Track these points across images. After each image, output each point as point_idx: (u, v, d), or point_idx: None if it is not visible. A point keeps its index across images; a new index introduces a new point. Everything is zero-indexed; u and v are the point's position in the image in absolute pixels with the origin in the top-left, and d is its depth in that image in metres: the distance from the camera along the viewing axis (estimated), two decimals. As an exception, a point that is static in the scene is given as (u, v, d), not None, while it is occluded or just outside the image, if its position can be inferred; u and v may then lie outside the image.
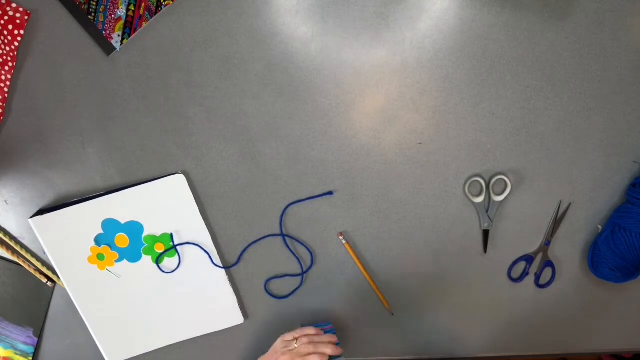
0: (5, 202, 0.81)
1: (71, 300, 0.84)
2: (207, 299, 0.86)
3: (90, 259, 0.81)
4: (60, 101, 0.74)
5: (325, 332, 0.79)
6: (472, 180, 0.77)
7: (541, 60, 0.71)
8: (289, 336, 0.77)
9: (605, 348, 0.93)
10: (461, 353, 0.91)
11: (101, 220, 0.79)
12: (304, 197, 0.80)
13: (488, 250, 0.82)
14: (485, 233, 0.81)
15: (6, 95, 0.74)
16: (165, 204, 0.79)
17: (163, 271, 0.83)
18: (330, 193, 0.80)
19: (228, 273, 0.85)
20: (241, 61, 0.72)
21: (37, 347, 0.90)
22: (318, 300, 0.88)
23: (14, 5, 0.68)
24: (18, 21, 0.69)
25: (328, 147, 0.77)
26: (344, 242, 0.82)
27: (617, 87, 0.72)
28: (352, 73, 0.72)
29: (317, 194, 0.80)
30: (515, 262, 0.84)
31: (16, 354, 0.90)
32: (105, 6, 0.69)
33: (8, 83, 0.73)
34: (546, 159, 0.76)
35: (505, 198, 0.78)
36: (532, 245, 0.83)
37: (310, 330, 0.78)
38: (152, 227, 0.80)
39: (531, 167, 0.77)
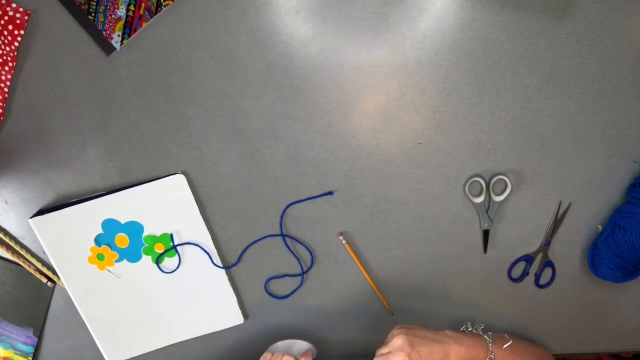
0: (5, 202, 0.81)
1: (71, 300, 0.84)
2: (207, 299, 0.86)
3: (90, 259, 0.81)
4: (60, 101, 0.74)
5: None
6: (472, 180, 0.77)
7: (541, 60, 0.71)
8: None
9: (605, 348, 0.93)
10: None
11: (101, 220, 0.79)
12: (304, 197, 0.80)
13: (488, 250, 0.82)
14: (485, 233, 0.81)
15: (6, 95, 0.74)
16: (165, 204, 0.79)
17: (163, 271, 0.83)
18: (330, 193, 0.80)
19: (228, 273, 0.85)
20: (241, 61, 0.72)
21: (37, 347, 0.90)
22: (318, 300, 0.88)
23: (14, 5, 0.68)
24: (18, 21, 0.69)
25: (328, 147, 0.77)
26: (344, 242, 0.82)
27: (617, 87, 0.72)
28: (352, 73, 0.72)
29: (317, 194, 0.80)
30: (515, 262, 0.84)
31: (16, 354, 0.90)
32: (105, 6, 0.69)
33: (8, 83, 0.73)
34: (546, 159, 0.76)
35: (505, 198, 0.78)
36: (532, 245, 0.83)
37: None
38: (152, 227, 0.80)
39: (531, 167, 0.77)
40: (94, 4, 0.69)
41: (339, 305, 0.88)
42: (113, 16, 0.70)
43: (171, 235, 0.81)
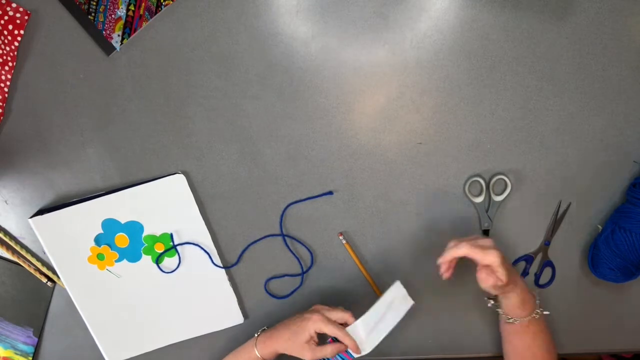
0: (5, 202, 0.81)
1: (71, 300, 0.84)
2: (207, 299, 0.86)
3: (90, 259, 0.81)
4: (60, 101, 0.74)
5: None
6: (472, 180, 0.77)
7: (541, 60, 0.71)
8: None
9: (605, 348, 0.93)
10: (461, 353, 0.91)
11: (101, 220, 0.79)
12: (304, 197, 0.80)
13: (488, 250, 0.82)
14: (485, 233, 0.81)
15: (6, 95, 0.74)
16: (165, 204, 0.79)
17: (163, 271, 0.83)
18: (330, 193, 0.80)
19: (228, 273, 0.85)
20: (241, 61, 0.72)
21: (37, 347, 0.90)
22: (318, 300, 0.87)
23: (14, 5, 0.69)
24: (18, 21, 0.69)
25: (328, 147, 0.77)
26: (344, 242, 0.82)
27: (617, 87, 0.72)
28: (352, 73, 0.72)
29: (317, 194, 0.80)
30: (515, 262, 0.84)
31: (16, 354, 0.90)
32: (105, 6, 0.69)
33: (8, 83, 0.73)
34: (546, 159, 0.76)
35: (505, 198, 0.78)
36: (532, 245, 0.83)
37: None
38: (152, 227, 0.80)
39: (531, 167, 0.77)
40: (94, 4, 0.69)
41: (339, 305, 0.88)
42: (113, 16, 0.70)
43: (171, 235, 0.81)
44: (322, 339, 0.75)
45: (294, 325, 0.74)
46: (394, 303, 0.74)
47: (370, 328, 0.74)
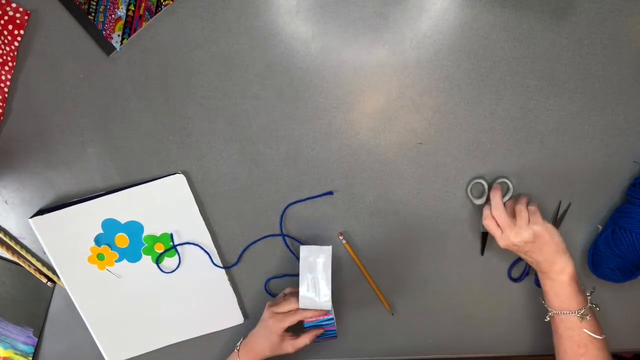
0: (5, 202, 0.81)
1: (71, 300, 0.84)
2: (207, 299, 0.86)
3: (90, 259, 0.81)
4: (60, 101, 0.74)
5: (325, 324, 0.79)
6: (474, 181, 0.77)
7: (541, 60, 0.71)
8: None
9: (605, 348, 0.92)
10: (461, 353, 0.91)
11: (101, 220, 0.79)
12: (304, 197, 0.80)
13: (487, 251, 0.82)
14: (484, 235, 0.81)
15: (6, 95, 0.74)
16: (165, 204, 0.79)
17: (163, 271, 0.83)
18: (330, 193, 0.80)
19: (228, 273, 0.85)
20: (241, 61, 0.72)
21: (37, 347, 0.90)
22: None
23: (14, 5, 0.69)
24: (18, 21, 0.69)
25: (328, 147, 0.77)
26: (344, 242, 0.82)
27: (617, 87, 0.72)
28: (352, 73, 0.72)
29: (317, 194, 0.80)
30: (515, 262, 0.84)
31: (16, 354, 0.90)
32: (105, 6, 0.69)
33: (8, 83, 0.73)
34: (546, 159, 0.76)
35: (506, 201, 0.77)
36: (532, 245, 0.82)
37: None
38: (152, 227, 0.80)
39: (531, 167, 0.77)
40: (94, 4, 0.69)
41: (339, 305, 0.88)
42: (113, 16, 0.70)
43: (171, 235, 0.81)
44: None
45: (262, 334, 0.78)
46: (315, 261, 0.75)
47: (313, 292, 0.75)
